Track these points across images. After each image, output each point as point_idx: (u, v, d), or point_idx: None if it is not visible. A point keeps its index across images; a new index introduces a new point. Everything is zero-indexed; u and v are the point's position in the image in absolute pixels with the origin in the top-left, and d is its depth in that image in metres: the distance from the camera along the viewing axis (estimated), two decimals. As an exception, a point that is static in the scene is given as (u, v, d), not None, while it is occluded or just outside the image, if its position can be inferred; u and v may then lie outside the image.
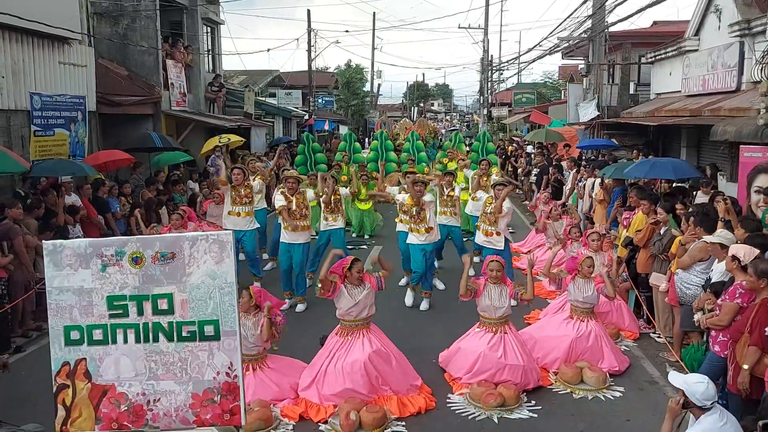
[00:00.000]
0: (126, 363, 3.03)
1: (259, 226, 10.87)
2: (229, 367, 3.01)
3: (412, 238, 9.51)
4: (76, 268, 3.02)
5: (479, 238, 9.69)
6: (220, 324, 3.00)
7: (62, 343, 3.05)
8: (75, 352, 3.05)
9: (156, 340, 3.02)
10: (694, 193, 10.09)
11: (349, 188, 11.73)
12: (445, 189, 10.54)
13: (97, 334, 3.03)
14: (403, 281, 10.51)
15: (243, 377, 3.03)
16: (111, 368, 3.04)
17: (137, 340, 3.03)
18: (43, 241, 3.05)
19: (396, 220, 10.42)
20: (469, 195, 11.77)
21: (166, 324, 3.01)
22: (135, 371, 3.03)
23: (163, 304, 3.02)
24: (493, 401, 6.26)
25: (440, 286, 10.31)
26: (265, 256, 12.01)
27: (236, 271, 3.02)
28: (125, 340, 3.03)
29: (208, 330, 2.99)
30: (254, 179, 10.52)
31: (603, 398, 6.59)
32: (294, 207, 9.42)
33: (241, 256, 10.37)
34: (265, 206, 12.18)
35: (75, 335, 3.04)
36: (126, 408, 3.03)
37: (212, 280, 2.99)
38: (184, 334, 3.00)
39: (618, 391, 6.74)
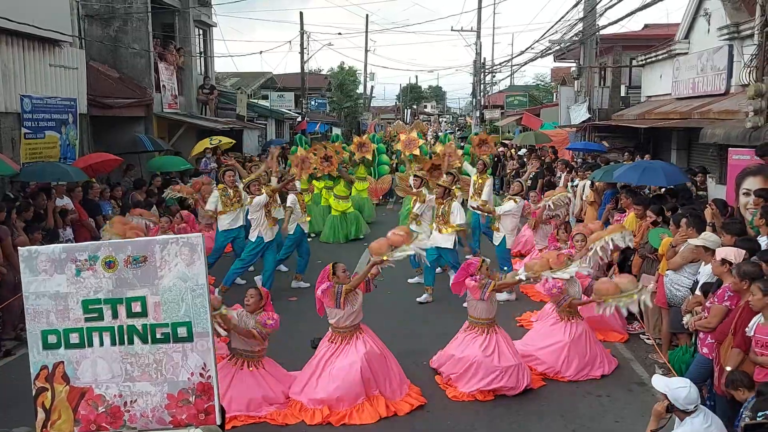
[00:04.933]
0: (102, 365, 3.08)
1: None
2: (202, 368, 3.06)
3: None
4: (52, 273, 3.06)
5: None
6: (192, 326, 3.05)
7: (40, 347, 3.09)
8: (53, 356, 3.09)
9: (131, 342, 3.07)
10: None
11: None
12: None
13: (74, 338, 3.08)
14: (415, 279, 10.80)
15: (217, 377, 3.07)
16: (88, 371, 3.08)
17: (113, 343, 3.07)
18: (19, 248, 3.08)
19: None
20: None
21: (140, 326, 3.06)
22: (111, 373, 3.08)
23: (136, 307, 3.05)
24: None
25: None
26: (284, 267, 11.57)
27: (207, 273, 3.04)
28: (101, 343, 3.08)
29: (181, 332, 3.04)
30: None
31: (593, 400, 6.62)
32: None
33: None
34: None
35: (52, 339, 3.08)
36: (104, 410, 3.08)
37: (184, 283, 3.02)
38: (157, 336, 3.05)
39: (607, 392, 6.78)
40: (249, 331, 6.27)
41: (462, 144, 20.60)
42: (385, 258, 6.66)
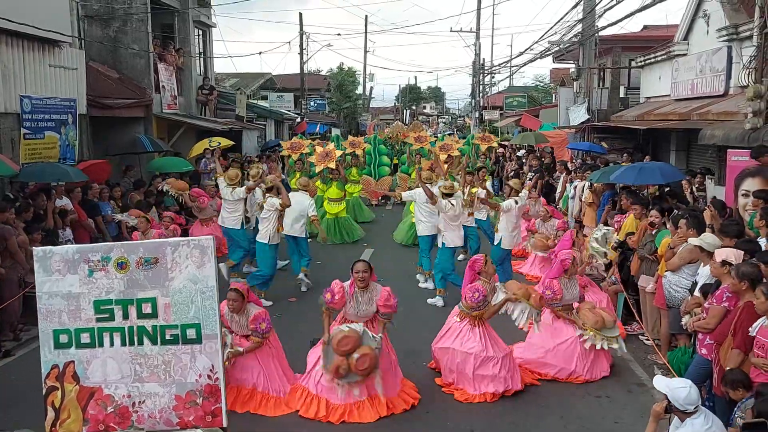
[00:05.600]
0: (112, 366, 3.08)
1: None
2: (210, 370, 3.06)
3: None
4: (65, 273, 3.06)
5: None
6: (201, 327, 3.05)
7: (51, 347, 3.10)
8: (64, 355, 3.10)
9: (141, 343, 3.08)
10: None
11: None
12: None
13: (85, 338, 3.08)
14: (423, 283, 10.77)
15: (225, 380, 3.06)
16: (98, 371, 3.09)
17: (123, 343, 3.08)
18: (33, 247, 3.10)
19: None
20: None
21: (150, 327, 3.06)
22: (121, 374, 3.09)
23: (147, 308, 3.06)
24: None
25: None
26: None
27: (217, 275, 3.05)
28: (111, 343, 3.09)
29: (190, 333, 3.05)
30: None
31: (592, 401, 6.64)
32: None
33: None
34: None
35: (64, 339, 3.09)
36: (112, 410, 3.08)
37: (194, 285, 3.03)
38: (167, 337, 3.06)
39: (606, 393, 6.80)
40: (256, 346, 6.38)
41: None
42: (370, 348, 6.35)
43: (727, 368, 5.07)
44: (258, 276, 9.93)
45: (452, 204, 9.70)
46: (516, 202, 10.11)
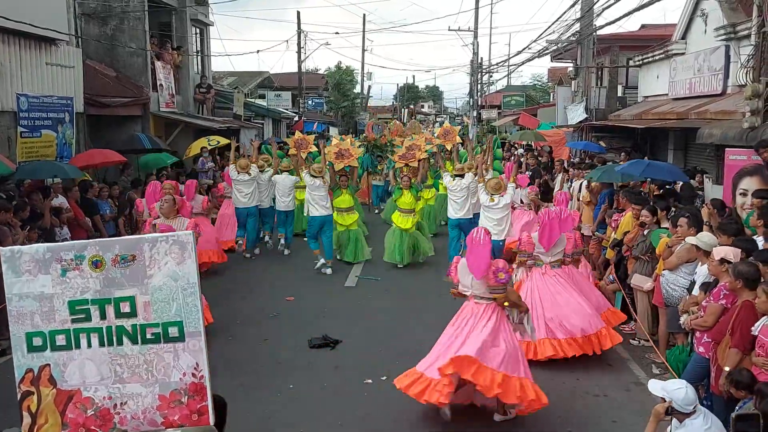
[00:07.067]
0: (91, 367, 3.00)
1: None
2: (195, 368, 3.00)
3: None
4: (36, 273, 2.96)
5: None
6: (184, 325, 2.98)
7: (25, 350, 3.02)
8: (38, 359, 3.01)
9: (120, 343, 3.00)
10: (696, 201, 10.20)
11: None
12: None
13: (60, 340, 2.99)
14: None
15: (209, 377, 3.02)
16: (76, 373, 3.00)
17: (101, 344, 3.00)
18: (0, 248, 3.01)
19: None
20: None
21: (130, 327, 2.99)
22: (100, 375, 3.00)
23: (125, 307, 2.98)
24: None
25: None
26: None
27: (198, 270, 3.00)
28: (89, 345, 3.00)
29: (173, 331, 2.98)
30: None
31: (590, 400, 6.62)
32: None
33: None
34: None
35: (37, 341, 3.00)
36: (93, 412, 3.01)
37: (174, 282, 2.96)
38: (148, 336, 2.99)
39: (604, 392, 6.78)
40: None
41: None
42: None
43: (736, 369, 5.03)
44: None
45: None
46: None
